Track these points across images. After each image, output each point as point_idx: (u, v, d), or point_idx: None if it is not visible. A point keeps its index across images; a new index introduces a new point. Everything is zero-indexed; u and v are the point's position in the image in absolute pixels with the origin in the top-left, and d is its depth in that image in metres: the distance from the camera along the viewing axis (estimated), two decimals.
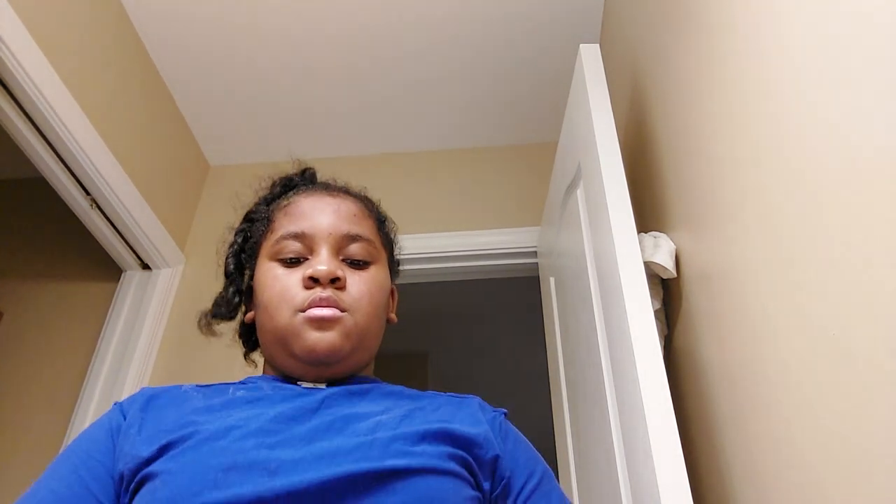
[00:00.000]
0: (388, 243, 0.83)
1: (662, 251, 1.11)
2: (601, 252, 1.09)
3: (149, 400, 0.64)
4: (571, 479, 1.31)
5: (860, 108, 0.57)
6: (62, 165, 1.59)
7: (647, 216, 1.32)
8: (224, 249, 0.84)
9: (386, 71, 1.96)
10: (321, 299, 0.66)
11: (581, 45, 1.25)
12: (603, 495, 1.05)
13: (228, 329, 0.82)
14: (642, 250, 1.12)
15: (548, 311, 1.65)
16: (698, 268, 1.02)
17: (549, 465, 0.70)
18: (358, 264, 0.73)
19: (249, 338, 0.82)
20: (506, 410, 0.71)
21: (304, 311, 0.66)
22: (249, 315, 0.77)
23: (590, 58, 1.24)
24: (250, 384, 0.69)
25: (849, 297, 0.59)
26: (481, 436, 0.63)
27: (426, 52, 1.91)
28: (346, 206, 0.76)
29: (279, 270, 0.70)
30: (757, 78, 0.79)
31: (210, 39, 1.86)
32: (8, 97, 1.41)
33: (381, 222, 0.82)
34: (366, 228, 0.76)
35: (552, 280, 1.62)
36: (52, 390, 1.84)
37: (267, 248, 0.74)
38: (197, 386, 0.69)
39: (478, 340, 3.49)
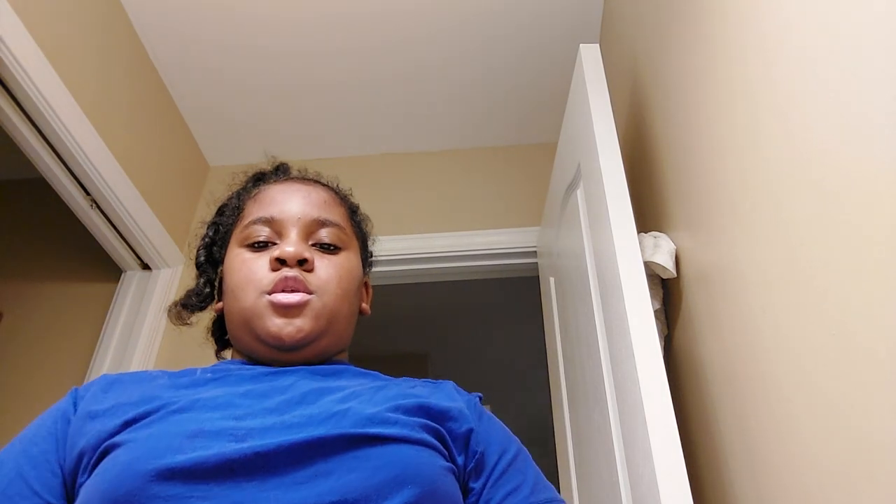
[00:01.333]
0: (361, 234, 0.82)
1: (662, 251, 1.11)
2: (601, 252, 1.09)
3: (111, 382, 0.63)
4: (571, 479, 1.31)
5: (862, 109, 0.57)
6: (62, 165, 1.59)
7: (647, 216, 1.32)
8: (196, 243, 0.84)
9: (386, 72, 1.96)
10: (287, 279, 0.65)
11: (581, 45, 1.25)
12: (603, 495, 1.05)
13: (199, 318, 0.82)
14: (642, 250, 1.12)
15: (548, 311, 1.65)
16: (698, 268, 1.02)
17: (550, 465, 0.70)
18: (328, 248, 0.71)
19: (222, 335, 0.81)
20: (480, 395, 0.71)
21: (269, 293, 0.65)
22: (219, 305, 0.76)
23: (590, 58, 1.24)
24: (219, 367, 0.68)
25: (849, 297, 0.59)
26: (455, 409, 0.62)
27: (426, 53, 1.91)
28: (317, 193, 0.75)
29: (247, 255, 0.70)
30: (757, 78, 0.79)
31: (210, 40, 1.86)
32: (8, 97, 1.41)
33: (352, 211, 0.81)
34: (336, 215, 0.75)
35: (552, 280, 1.62)
36: (52, 390, 1.83)
37: (236, 234, 0.73)
38: (163, 370, 0.68)
39: (478, 340, 3.48)
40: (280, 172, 0.85)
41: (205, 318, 0.82)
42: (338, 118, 2.11)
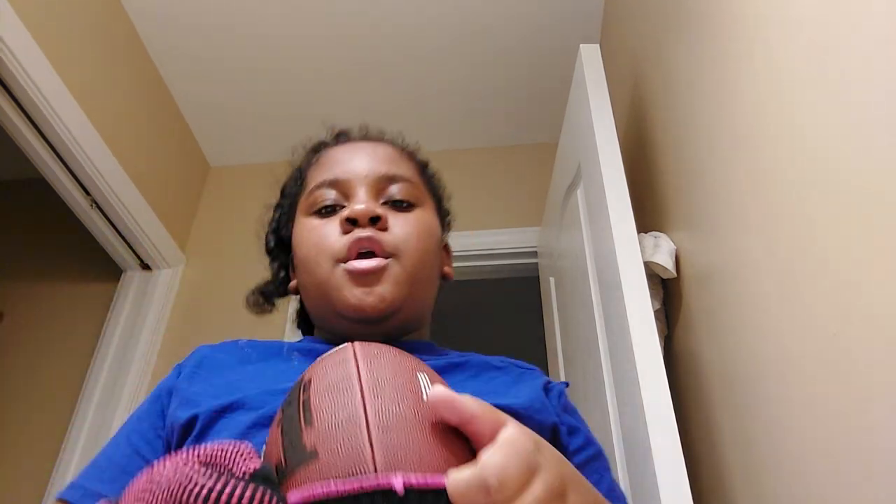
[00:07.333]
0: (434, 190, 0.75)
1: (662, 251, 1.11)
2: (601, 252, 1.09)
3: (201, 360, 0.61)
4: None
5: (861, 110, 0.57)
6: (62, 165, 1.59)
7: (647, 216, 1.32)
8: (262, 229, 0.78)
9: (386, 72, 1.96)
10: (360, 240, 0.59)
11: (581, 45, 1.25)
12: None
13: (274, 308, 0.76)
14: (642, 250, 1.12)
15: (548, 311, 1.65)
16: (698, 268, 1.02)
17: None
18: (401, 206, 0.65)
19: (308, 326, 0.74)
20: (567, 383, 0.67)
21: (344, 261, 0.60)
22: (293, 284, 0.70)
23: (590, 58, 1.24)
24: (304, 347, 0.63)
25: (849, 297, 0.59)
26: (536, 404, 0.57)
27: (426, 53, 1.91)
28: (383, 149, 0.70)
29: (314, 222, 0.64)
30: (757, 77, 0.79)
31: (211, 41, 1.86)
32: (8, 97, 1.41)
33: (423, 167, 0.76)
34: (406, 170, 0.69)
35: (552, 280, 1.62)
36: (52, 390, 1.84)
37: (301, 204, 0.68)
38: (250, 342, 0.64)
39: (478, 340, 3.48)
40: (341, 137, 0.80)
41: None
42: (338, 121, 2.10)
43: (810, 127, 0.66)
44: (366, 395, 0.35)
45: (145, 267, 1.96)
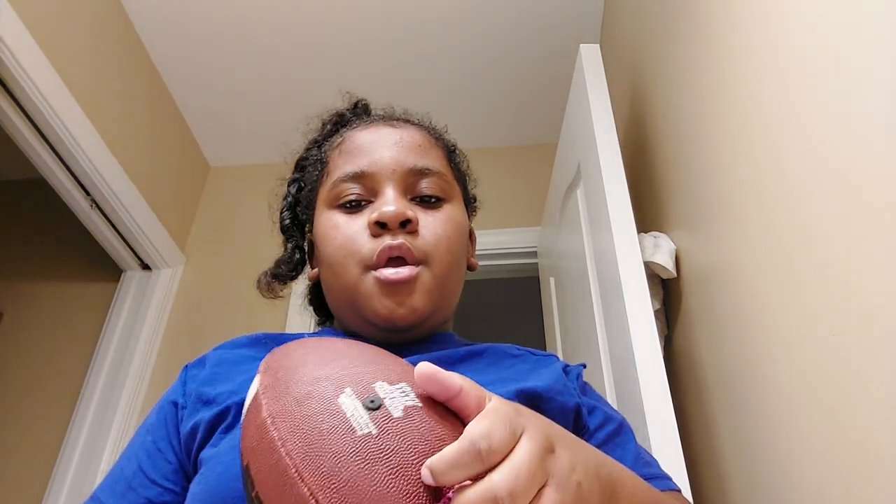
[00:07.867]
0: (461, 176, 0.73)
1: (662, 251, 1.11)
2: (601, 252, 1.09)
3: (219, 360, 0.60)
4: None
5: (860, 110, 0.57)
6: (62, 165, 1.59)
7: (647, 216, 1.32)
8: (277, 203, 0.74)
9: (385, 74, 1.96)
10: (391, 248, 0.57)
11: (581, 45, 1.25)
12: None
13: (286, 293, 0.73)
14: (642, 250, 1.12)
15: (548, 311, 1.65)
16: (698, 268, 1.02)
17: None
18: (430, 202, 0.63)
19: (321, 303, 0.72)
20: (584, 364, 0.66)
21: (374, 267, 0.58)
22: (313, 272, 0.68)
23: (590, 58, 1.24)
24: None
25: (849, 297, 0.59)
26: (557, 386, 0.57)
27: (425, 55, 1.91)
28: (410, 136, 0.66)
29: (340, 218, 0.61)
30: (756, 78, 0.79)
31: (211, 41, 1.86)
32: (8, 97, 1.41)
33: (450, 152, 0.73)
34: (434, 160, 0.66)
35: (552, 280, 1.62)
36: (53, 390, 1.84)
37: (324, 194, 0.65)
38: (268, 335, 0.63)
39: (478, 340, 3.48)
40: (361, 111, 0.76)
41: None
42: None
43: (810, 126, 0.66)
44: (306, 477, 0.32)
45: (145, 267, 1.96)
